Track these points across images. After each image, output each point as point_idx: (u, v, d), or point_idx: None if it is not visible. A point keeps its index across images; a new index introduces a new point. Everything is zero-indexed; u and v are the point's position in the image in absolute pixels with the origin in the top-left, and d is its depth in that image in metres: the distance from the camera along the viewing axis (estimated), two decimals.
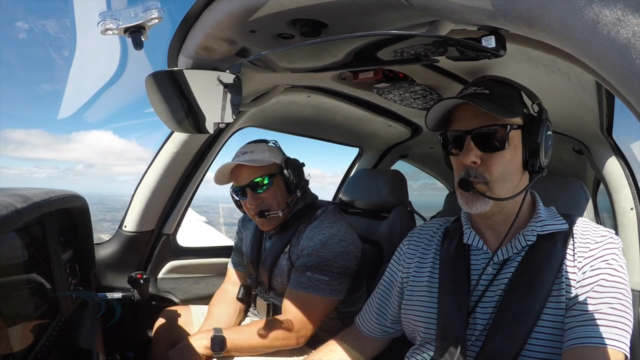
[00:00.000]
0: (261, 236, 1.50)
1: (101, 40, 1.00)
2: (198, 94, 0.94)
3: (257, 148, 1.37)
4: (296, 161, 1.40)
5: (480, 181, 0.83)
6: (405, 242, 1.07)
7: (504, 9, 0.46)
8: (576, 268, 0.80)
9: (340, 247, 1.28)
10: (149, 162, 1.60)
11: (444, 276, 0.93)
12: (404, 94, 1.35)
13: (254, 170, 1.31)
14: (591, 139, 1.39)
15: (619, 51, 0.32)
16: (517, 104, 0.86)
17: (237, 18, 0.74)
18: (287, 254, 1.36)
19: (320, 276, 1.25)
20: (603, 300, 0.75)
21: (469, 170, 0.84)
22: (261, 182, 1.32)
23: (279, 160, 1.37)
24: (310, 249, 1.28)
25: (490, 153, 0.83)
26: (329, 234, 1.28)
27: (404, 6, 0.61)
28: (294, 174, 1.35)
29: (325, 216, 1.35)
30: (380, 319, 1.06)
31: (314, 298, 1.24)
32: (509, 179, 0.83)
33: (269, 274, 1.39)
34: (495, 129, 0.82)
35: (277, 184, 1.34)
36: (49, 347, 0.87)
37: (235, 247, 1.66)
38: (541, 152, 0.82)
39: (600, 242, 0.82)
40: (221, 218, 20.27)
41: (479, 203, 0.84)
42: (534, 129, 0.83)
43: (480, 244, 0.91)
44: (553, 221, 0.87)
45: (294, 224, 1.37)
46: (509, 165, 0.83)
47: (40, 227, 0.96)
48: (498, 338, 0.80)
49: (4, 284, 0.74)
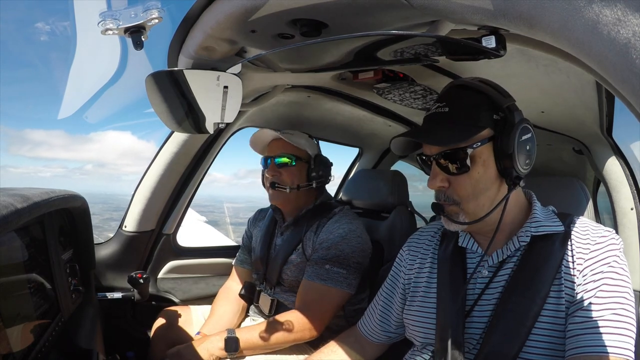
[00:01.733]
0: (273, 233, 1.55)
1: (101, 40, 1.00)
2: (198, 94, 0.94)
3: (298, 134, 1.49)
4: (326, 159, 1.50)
5: (450, 203, 0.83)
6: (405, 247, 1.07)
7: (504, 9, 0.46)
8: (576, 270, 0.78)
9: (358, 243, 1.35)
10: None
11: (441, 279, 0.93)
12: (404, 94, 1.35)
13: (286, 146, 1.43)
14: (591, 139, 1.39)
15: (619, 51, 0.32)
16: (483, 113, 0.80)
17: (237, 18, 0.74)
18: (301, 249, 1.41)
19: (338, 269, 1.30)
20: (606, 306, 0.73)
21: (438, 193, 0.84)
22: (287, 158, 1.43)
23: (311, 152, 1.47)
24: (329, 242, 1.33)
25: (456, 175, 0.81)
26: (349, 229, 1.35)
27: (404, 6, 0.61)
28: (317, 168, 1.45)
29: (344, 213, 1.44)
30: (384, 325, 1.06)
31: (331, 290, 1.29)
32: (481, 195, 0.81)
33: (280, 269, 1.42)
34: (455, 153, 0.80)
35: (298, 168, 1.44)
36: (49, 347, 0.87)
37: (243, 245, 1.69)
38: (516, 162, 0.78)
39: (601, 243, 0.79)
40: (227, 217, 20.33)
41: (454, 224, 0.84)
42: (504, 138, 0.78)
43: (475, 246, 0.90)
44: (549, 222, 0.85)
45: (309, 220, 1.44)
46: (479, 182, 0.81)
47: (40, 227, 0.96)
48: (496, 339, 0.79)
49: (4, 284, 0.74)
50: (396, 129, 1.90)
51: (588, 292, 0.75)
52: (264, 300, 1.46)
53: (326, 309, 1.29)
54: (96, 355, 0.94)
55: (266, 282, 1.48)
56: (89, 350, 0.96)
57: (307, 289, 1.31)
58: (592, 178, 2.07)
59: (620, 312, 0.72)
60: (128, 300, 1.50)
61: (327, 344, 1.11)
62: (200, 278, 1.81)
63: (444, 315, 0.88)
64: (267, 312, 1.43)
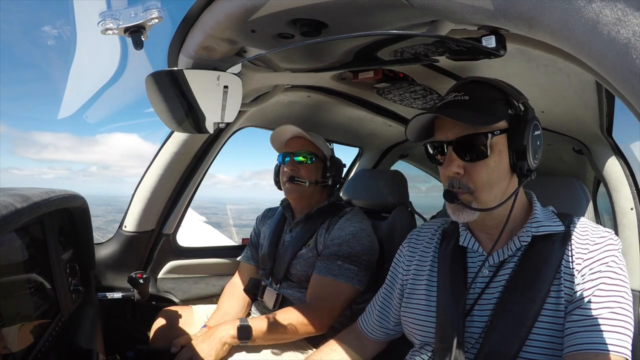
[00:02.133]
0: (281, 230, 1.59)
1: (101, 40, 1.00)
2: (198, 94, 0.94)
3: (314, 135, 1.55)
4: (339, 161, 1.61)
5: (464, 191, 0.82)
6: (404, 243, 1.07)
7: (504, 9, 0.46)
8: (575, 270, 0.79)
9: (368, 241, 1.41)
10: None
11: (442, 278, 0.93)
12: (404, 94, 1.35)
13: (306, 144, 1.51)
14: (591, 139, 1.39)
15: (619, 51, 0.32)
16: (500, 107, 0.83)
17: (237, 18, 0.74)
18: (313, 244, 1.44)
19: (350, 265, 1.34)
20: (604, 304, 0.74)
21: (452, 181, 0.84)
22: (305, 155, 1.50)
23: (326, 153, 1.56)
24: (341, 239, 1.38)
25: (473, 162, 0.81)
26: (359, 228, 1.41)
27: (404, 6, 0.61)
28: (332, 167, 1.55)
29: (355, 213, 1.49)
30: (382, 321, 1.07)
31: (342, 285, 1.32)
32: (495, 186, 0.82)
33: (289, 263, 1.45)
34: (475, 138, 0.80)
35: (315, 166, 1.52)
36: (49, 347, 0.87)
37: (250, 242, 1.72)
38: (528, 155, 0.80)
39: (600, 243, 0.80)
40: (230, 220, 20.30)
41: (465, 213, 0.83)
42: (519, 131, 0.80)
43: (476, 246, 0.90)
44: (549, 222, 0.85)
45: (320, 218, 1.49)
46: (494, 172, 0.81)
47: (40, 227, 0.96)
48: (496, 339, 0.79)
49: (4, 284, 0.74)
50: (396, 129, 1.90)
51: (586, 290, 0.76)
52: (269, 295, 1.47)
53: (336, 303, 1.32)
54: (96, 355, 0.94)
55: (272, 277, 1.50)
56: (89, 350, 0.96)
57: (319, 283, 1.34)
58: (592, 178, 2.07)
59: (618, 310, 0.73)
60: (128, 300, 1.50)
61: (327, 342, 1.11)
62: (200, 278, 1.81)
63: (444, 315, 0.88)
64: (271, 306, 1.44)
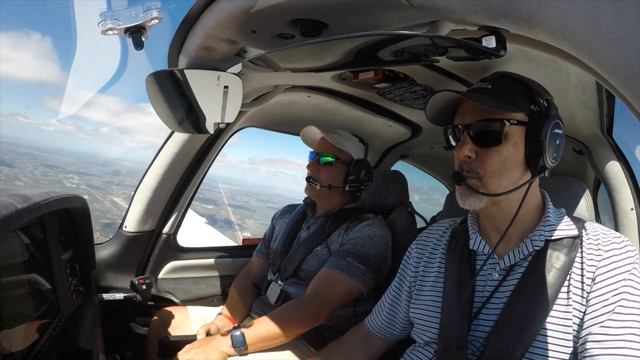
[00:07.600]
0: (299, 227, 1.60)
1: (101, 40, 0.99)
2: (198, 94, 0.94)
3: (348, 136, 1.55)
4: (368, 167, 1.55)
5: (473, 176, 0.82)
6: (413, 245, 1.07)
7: (504, 9, 0.46)
8: (586, 277, 0.77)
9: (383, 247, 1.41)
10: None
11: (448, 279, 0.92)
12: (404, 94, 1.35)
13: (329, 147, 1.50)
14: (591, 139, 1.39)
15: (619, 51, 0.32)
16: (522, 99, 0.82)
17: (238, 18, 0.74)
18: (327, 244, 1.45)
19: (358, 264, 1.34)
20: (625, 324, 0.71)
21: (462, 164, 0.83)
22: (327, 158, 1.50)
23: (355, 155, 1.53)
24: (357, 240, 1.39)
25: (486, 148, 0.81)
26: (378, 234, 1.42)
27: (404, 6, 0.61)
28: (356, 173, 1.51)
29: (377, 219, 1.49)
30: (390, 322, 1.06)
31: (345, 279, 1.31)
32: (506, 176, 0.81)
33: (302, 259, 1.45)
34: (490, 124, 0.80)
35: (337, 168, 1.50)
36: (49, 347, 0.87)
37: (264, 237, 1.73)
38: (545, 151, 0.78)
39: (618, 250, 0.77)
40: (225, 199, 20.13)
41: (471, 198, 0.82)
42: (538, 125, 0.79)
43: (486, 249, 0.89)
44: (562, 225, 0.83)
45: (340, 218, 1.50)
46: (507, 161, 0.80)
47: (40, 227, 0.96)
48: (500, 343, 0.78)
49: (4, 284, 0.74)
50: (396, 129, 1.90)
51: (607, 306, 0.73)
52: (273, 291, 1.47)
53: (333, 296, 1.29)
54: (96, 355, 0.94)
55: (280, 272, 1.49)
56: (89, 350, 0.96)
57: (322, 275, 1.34)
58: (592, 178, 2.06)
59: (638, 332, 0.70)
60: (128, 300, 1.50)
61: (334, 342, 1.10)
62: (201, 278, 1.81)
63: (448, 314, 0.88)
64: (273, 302, 1.44)
